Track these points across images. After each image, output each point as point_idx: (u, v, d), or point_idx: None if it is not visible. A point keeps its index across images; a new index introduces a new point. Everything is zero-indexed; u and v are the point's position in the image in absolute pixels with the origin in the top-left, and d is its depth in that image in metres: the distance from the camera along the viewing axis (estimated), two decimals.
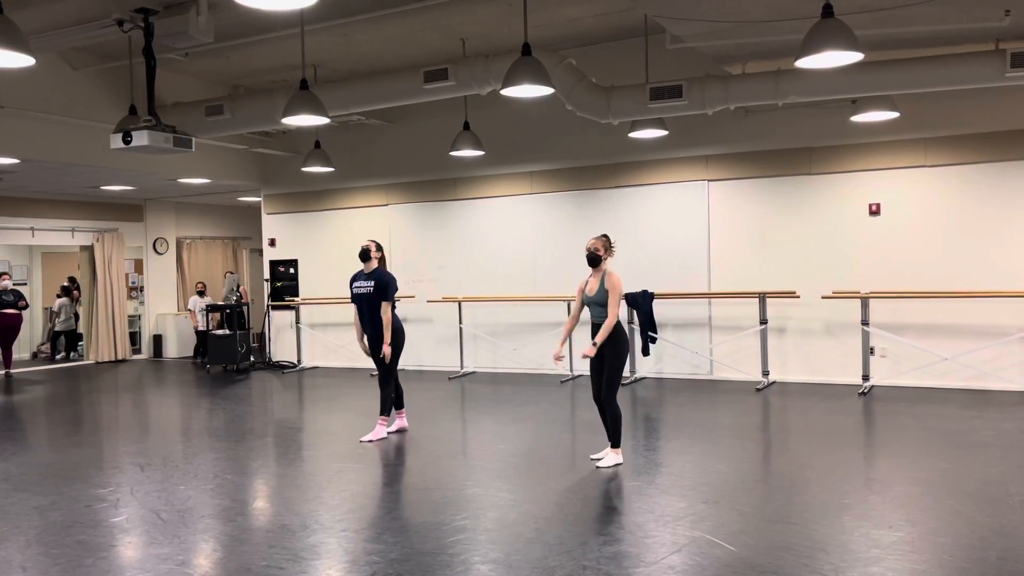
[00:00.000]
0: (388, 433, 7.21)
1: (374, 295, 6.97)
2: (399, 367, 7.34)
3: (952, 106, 8.68)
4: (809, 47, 5.31)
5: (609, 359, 5.89)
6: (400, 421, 7.42)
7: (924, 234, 9.01)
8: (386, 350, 6.94)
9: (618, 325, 5.91)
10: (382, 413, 7.12)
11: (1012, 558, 3.93)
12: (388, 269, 7.22)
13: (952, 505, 4.80)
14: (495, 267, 11.27)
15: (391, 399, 7.17)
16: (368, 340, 7.15)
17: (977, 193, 8.80)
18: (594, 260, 6.06)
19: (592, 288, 6.00)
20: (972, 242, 8.80)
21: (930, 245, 8.97)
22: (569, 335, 6.36)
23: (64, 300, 14.76)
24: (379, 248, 7.14)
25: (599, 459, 6.03)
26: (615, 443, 5.97)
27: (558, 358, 6.05)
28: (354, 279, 7.15)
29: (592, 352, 5.84)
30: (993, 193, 8.73)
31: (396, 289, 7.06)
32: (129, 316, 14.67)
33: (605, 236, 6.17)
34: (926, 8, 6.26)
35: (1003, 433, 6.69)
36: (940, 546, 4.15)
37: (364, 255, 7.04)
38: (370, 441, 6.99)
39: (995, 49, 6.94)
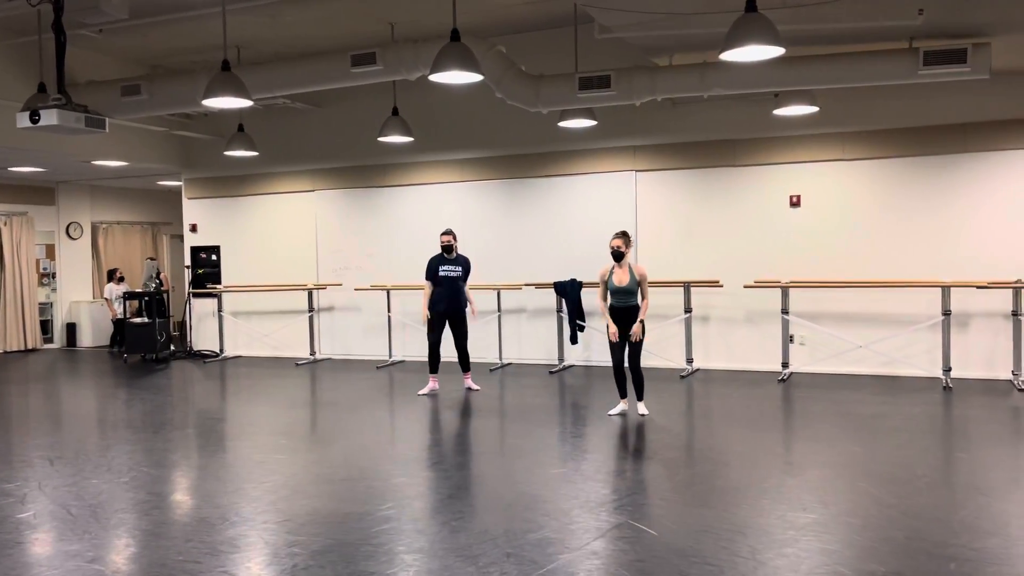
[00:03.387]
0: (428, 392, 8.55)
1: (463, 277, 8.49)
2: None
3: (868, 102, 8.97)
4: (733, 40, 5.40)
5: (639, 335, 6.98)
6: (467, 381, 8.72)
7: (841, 226, 9.31)
8: (474, 311, 8.66)
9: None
10: (465, 371, 8.64)
11: (918, 537, 4.10)
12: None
13: (863, 487, 4.98)
14: (425, 255, 11.13)
15: (467, 357, 8.62)
16: (445, 312, 8.46)
17: (890, 187, 9.13)
18: (619, 256, 7.00)
19: (622, 279, 6.99)
20: (885, 234, 9.13)
21: (847, 236, 9.28)
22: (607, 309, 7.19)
23: None
24: (455, 237, 8.58)
25: (617, 413, 7.21)
26: (642, 397, 7.12)
27: (615, 336, 7.04)
28: (440, 263, 8.51)
29: (639, 330, 6.92)
30: (905, 187, 9.07)
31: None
32: (40, 304, 14.05)
33: (625, 233, 7.08)
34: (844, 5, 6.43)
35: (911, 418, 6.98)
36: (851, 527, 4.30)
37: (448, 249, 8.49)
38: (476, 388, 8.60)
39: (909, 47, 7.18)
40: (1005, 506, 4.56)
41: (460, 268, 8.49)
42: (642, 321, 6.96)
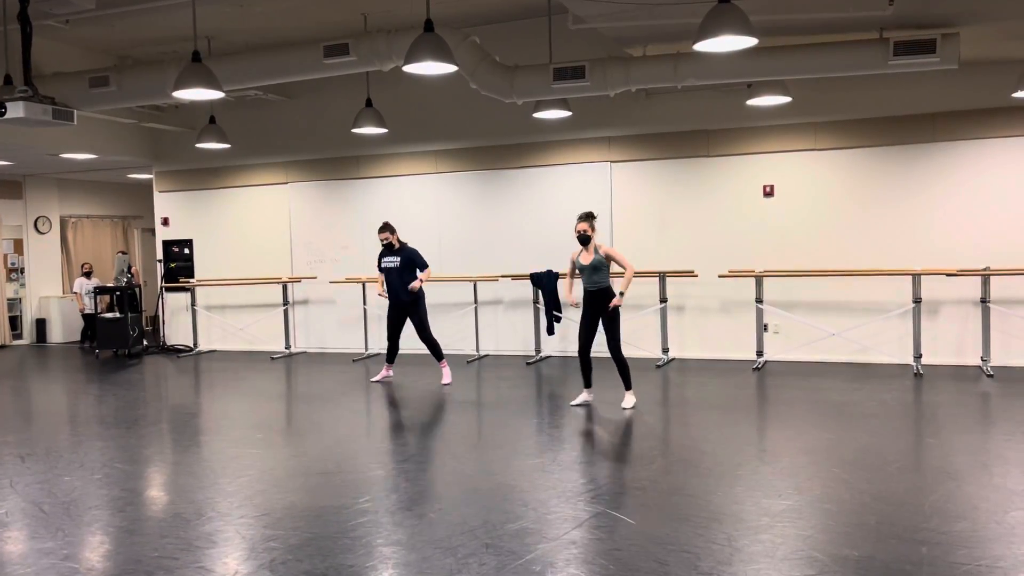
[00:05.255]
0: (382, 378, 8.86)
1: (402, 269, 8.38)
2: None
3: (840, 92, 9.05)
4: (706, 31, 5.43)
5: (607, 318, 6.89)
6: (446, 372, 8.69)
7: (814, 215, 9.40)
8: (414, 285, 8.34)
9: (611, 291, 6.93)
10: (439, 359, 8.60)
11: (889, 522, 4.17)
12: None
13: (837, 473, 5.04)
14: None
15: (437, 346, 8.56)
16: (394, 304, 8.54)
17: (862, 176, 9.23)
18: (585, 240, 6.94)
19: (586, 258, 6.91)
20: (857, 222, 9.23)
21: (819, 226, 9.37)
22: (571, 286, 7.28)
23: None
24: (394, 231, 8.54)
25: (578, 403, 7.22)
26: (628, 386, 7.07)
27: (574, 303, 7.14)
28: (383, 255, 8.56)
29: (620, 302, 6.82)
30: (876, 176, 9.17)
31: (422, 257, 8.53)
32: (8, 299, 13.83)
33: (589, 215, 6.97)
34: None
35: (883, 404, 7.08)
36: (825, 512, 4.36)
37: (388, 247, 8.49)
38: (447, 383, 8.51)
39: (879, 38, 7.25)
40: (974, 490, 4.64)
41: (398, 259, 8.41)
42: (622, 293, 6.79)
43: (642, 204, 10.05)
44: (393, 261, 8.44)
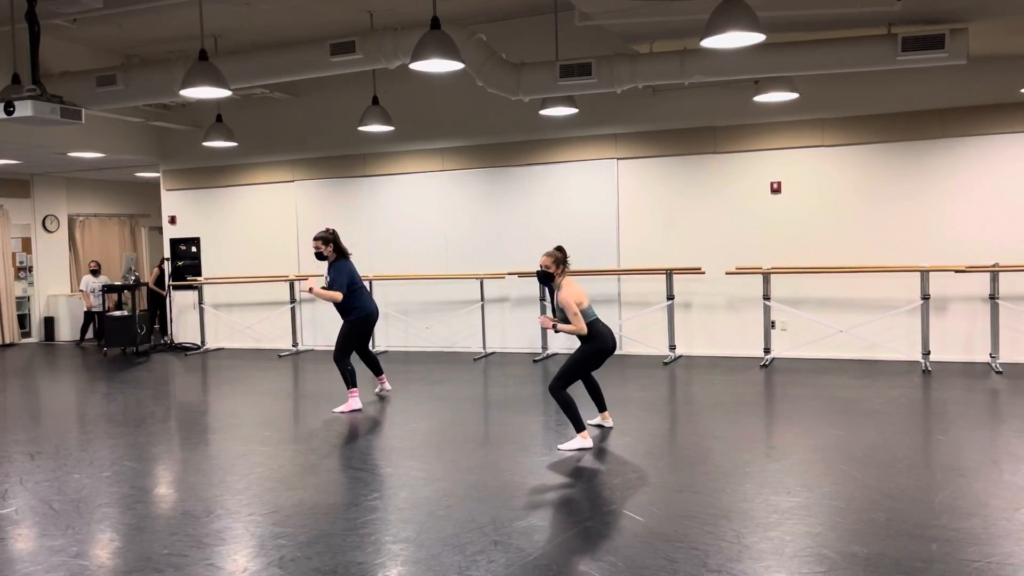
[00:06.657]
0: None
1: (330, 286, 7.28)
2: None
3: (847, 88, 9.02)
4: (713, 27, 5.41)
5: (576, 350, 5.83)
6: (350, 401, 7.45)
7: (822, 211, 9.37)
8: (311, 284, 7.26)
9: (594, 329, 5.80)
10: (349, 387, 7.34)
11: (899, 519, 4.15)
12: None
13: (845, 470, 5.03)
14: (406, 245, 11.15)
15: (348, 373, 7.34)
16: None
17: (869, 172, 9.19)
18: (545, 277, 5.85)
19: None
20: (865, 219, 9.20)
21: (827, 222, 9.34)
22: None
23: None
24: (327, 242, 7.30)
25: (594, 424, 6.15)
26: (577, 428, 5.71)
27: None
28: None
29: (547, 324, 5.83)
30: (884, 172, 9.14)
31: (348, 276, 7.26)
32: (17, 298, 13.88)
33: (558, 250, 5.88)
34: None
35: (892, 400, 7.06)
36: (834, 509, 4.34)
37: (317, 255, 7.35)
38: (342, 412, 7.24)
39: (887, 33, 7.22)
40: (984, 487, 4.62)
41: (328, 277, 7.34)
42: (555, 325, 5.79)
43: (649, 201, 10.03)
44: (326, 278, 7.40)
